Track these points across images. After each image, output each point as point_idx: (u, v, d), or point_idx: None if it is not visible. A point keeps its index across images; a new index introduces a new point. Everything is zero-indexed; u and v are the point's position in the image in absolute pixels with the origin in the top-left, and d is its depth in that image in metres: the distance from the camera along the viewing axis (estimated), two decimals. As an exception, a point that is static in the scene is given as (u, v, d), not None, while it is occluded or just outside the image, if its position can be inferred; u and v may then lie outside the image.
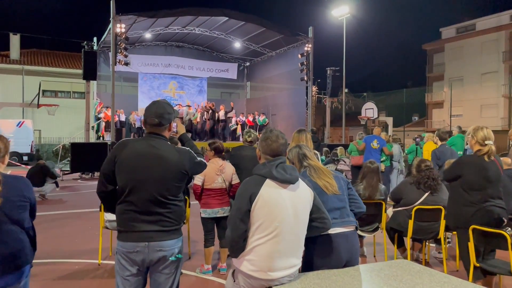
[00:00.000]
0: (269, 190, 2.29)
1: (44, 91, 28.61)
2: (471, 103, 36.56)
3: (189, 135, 4.93)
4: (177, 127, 2.94)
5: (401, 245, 4.89)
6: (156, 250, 2.42)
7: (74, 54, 31.40)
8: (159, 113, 2.54)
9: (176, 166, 2.49)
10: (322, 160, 9.65)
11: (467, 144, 11.79)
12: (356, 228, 2.76)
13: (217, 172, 4.63)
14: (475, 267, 3.59)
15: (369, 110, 19.96)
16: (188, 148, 2.66)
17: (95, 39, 20.17)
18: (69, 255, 5.50)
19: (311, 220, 2.44)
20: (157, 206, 2.44)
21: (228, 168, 4.74)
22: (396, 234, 4.79)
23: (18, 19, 71.94)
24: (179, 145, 2.89)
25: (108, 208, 2.61)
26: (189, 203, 5.34)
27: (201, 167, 2.69)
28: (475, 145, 3.64)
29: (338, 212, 2.68)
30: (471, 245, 3.58)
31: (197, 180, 4.62)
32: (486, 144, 3.57)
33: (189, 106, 20.05)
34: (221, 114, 19.06)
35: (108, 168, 2.48)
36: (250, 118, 20.87)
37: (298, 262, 2.39)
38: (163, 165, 2.46)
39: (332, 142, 27.57)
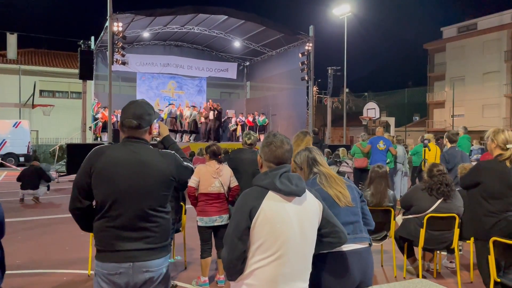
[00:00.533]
0: (271, 204, 1.97)
1: (41, 91, 28.37)
2: (473, 103, 36.26)
3: (189, 136, 4.57)
4: (160, 129, 2.64)
5: (411, 254, 4.59)
6: (142, 271, 2.12)
7: (72, 53, 31.07)
8: (138, 114, 2.25)
9: (162, 172, 2.20)
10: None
11: (472, 145, 11.42)
12: (370, 245, 2.46)
13: (214, 175, 4.32)
14: (495, 282, 3.29)
15: (371, 110, 19.66)
16: (173, 152, 2.37)
17: (92, 38, 19.86)
18: (58, 264, 5.19)
19: (321, 235, 2.13)
20: (143, 220, 2.14)
21: (226, 171, 4.44)
22: (406, 243, 4.48)
23: (15, 19, 71.61)
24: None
25: (85, 227, 2.28)
26: (185, 210, 5.02)
27: (188, 171, 2.41)
28: (496, 149, 3.33)
29: (351, 227, 2.38)
30: (491, 259, 3.28)
31: (191, 181, 4.31)
32: (508, 148, 3.26)
33: (194, 106, 19.74)
34: (210, 115, 18.59)
35: (83, 180, 2.16)
36: (250, 119, 20.56)
37: (305, 285, 2.08)
38: (147, 172, 2.16)
39: (333, 142, 27.26)
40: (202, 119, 19.02)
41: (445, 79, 39.48)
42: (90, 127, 18.85)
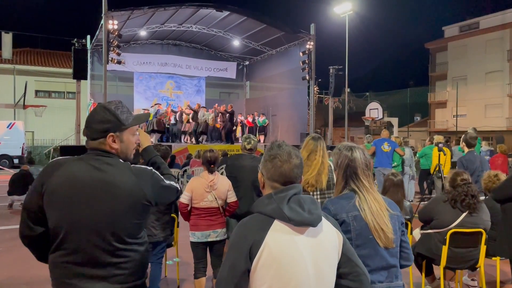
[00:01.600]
0: (278, 239, 1.49)
1: (37, 91, 27.92)
2: (475, 102, 35.81)
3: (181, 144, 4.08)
4: (140, 137, 2.11)
5: (429, 273, 4.10)
6: None
7: (68, 53, 30.50)
8: (87, 121, 1.79)
9: (133, 195, 1.73)
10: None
11: (482, 146, 10.93)
12: None
13: (207, 189, 3.82)
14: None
15: (374, 110, 19.16)
16: (151, 168, 1.87)
17: (88, 37, 19.40)
18: (39, 282, 4.70)
19: (338, 276, 1.65)
20: (108, 254, 1.68)
21: (221, 183, 3.92)
22: (424, 260, 4.00)
23: (10, 18, 71.01)
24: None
25: (40, 258, 1.81)
26: (178, 222, 4.53)
27: (170, 192, 1.93)
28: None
29: (385, 274, 1.88)
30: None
31: (183, 197, 3.83)
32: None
33: (204, 107, 19.25)
34: (199, 114, 17.53)
35: (33, 202, 1.70)
36: (250, 119, 20.05)
37: None
38: (112, 195, 1.69)
39: (334, 143, 26.77)
40: (211, 121, 18.60)
41: (447, 79, 39.04)
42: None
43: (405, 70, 75.93)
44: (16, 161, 20.79)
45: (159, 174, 1.89)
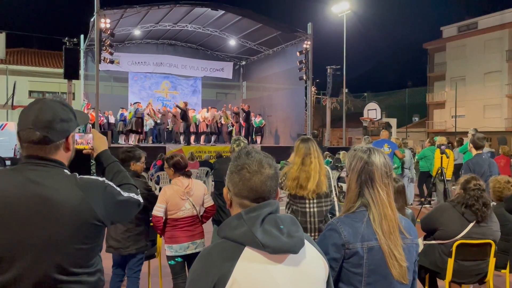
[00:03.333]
0: (250, 271, 1.16)
1: (30, 91, 27.53)
2: (474, 103, 35.54)
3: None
4: (93, 141, 1.79)
5: (433, 287, 3.77)
6: None
7: (62, 53, 30.23)
8: (44, 121, 1.44)
9: (78, 215, 1.40)
10: (326, 164, 8.58)
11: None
12: None
13: (182, 196, 3.47)
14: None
15: (372, 111, 18.84)
16: (103, 179, 1.54)
17: (82, 36, 19.06)
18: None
19: None
20: None
21: (197, 188, 3.60)
22: (427, 274, 3.67)
23: (4, 17, 70.43)
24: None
25: None
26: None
27: (129, 208, 1.60)
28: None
29: None
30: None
31: (157, 210, 3.44)
32: None
33: (214, 107, 18.95)
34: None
35: None
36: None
37: None
38: (52, 215, 1.36)
39: (331, 144, 26.48)
40: (223, 121, 18.38)
41: (445, 79, 38.76)
42: (79, 129, 18.01)
43: (403, 70, 75.78)
44: (8, 162, 20.36)
45: (115, 187, 1.55)
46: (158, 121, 18.23)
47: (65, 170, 1.49)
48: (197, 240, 3.56)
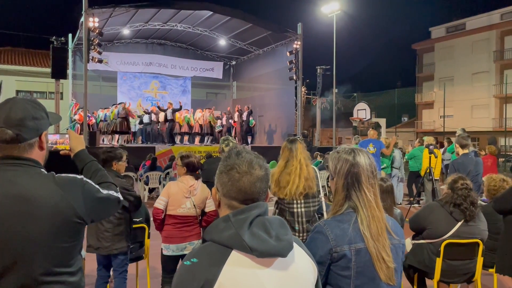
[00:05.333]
0: (237, 276, 1.14)
1: (18, 91, 27.16)
2: (462, 103, 35.93)
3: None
4: (70, 141, 1.77)
5: (422, 287, 3.79)
6: None
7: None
8: (15, 119, 1.42)
9: (58, 213, 1.38)
10: (316, 165, 8.59)
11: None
12: None
13: (186, 194, 3.50)
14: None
15: (361, 111, 18.95)
16: (81, 177, 1.52)
17: (70, 36, 18.86)
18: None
19: None
20: None
21: (202, 190, 3.63)
22: (416, 273, 3.68)
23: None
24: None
25: None
26: (149, 233, 4.14)
27: (110, 205, 1.59)
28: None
29: None
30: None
31: (159, 202, 3.50)
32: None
33: (209, 109, 18.89)
34: (168, 113, 16.79)
35: None
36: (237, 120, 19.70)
37: None
38: (31, 213, 1.34)
39: (321, 144, 26.54)
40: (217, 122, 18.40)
41: (434, 80, 39.14)
42: (67, 129, 17.81)
43: (392, 71, 76.54)
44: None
45: (93, 184, 1.53)
46: (137, 122, 18.30)
47: (42, 170, 1.47)
48: (195, 241, 3.58)
